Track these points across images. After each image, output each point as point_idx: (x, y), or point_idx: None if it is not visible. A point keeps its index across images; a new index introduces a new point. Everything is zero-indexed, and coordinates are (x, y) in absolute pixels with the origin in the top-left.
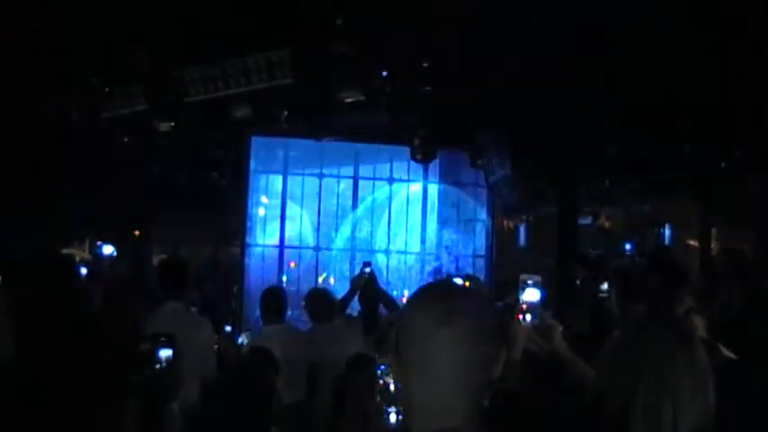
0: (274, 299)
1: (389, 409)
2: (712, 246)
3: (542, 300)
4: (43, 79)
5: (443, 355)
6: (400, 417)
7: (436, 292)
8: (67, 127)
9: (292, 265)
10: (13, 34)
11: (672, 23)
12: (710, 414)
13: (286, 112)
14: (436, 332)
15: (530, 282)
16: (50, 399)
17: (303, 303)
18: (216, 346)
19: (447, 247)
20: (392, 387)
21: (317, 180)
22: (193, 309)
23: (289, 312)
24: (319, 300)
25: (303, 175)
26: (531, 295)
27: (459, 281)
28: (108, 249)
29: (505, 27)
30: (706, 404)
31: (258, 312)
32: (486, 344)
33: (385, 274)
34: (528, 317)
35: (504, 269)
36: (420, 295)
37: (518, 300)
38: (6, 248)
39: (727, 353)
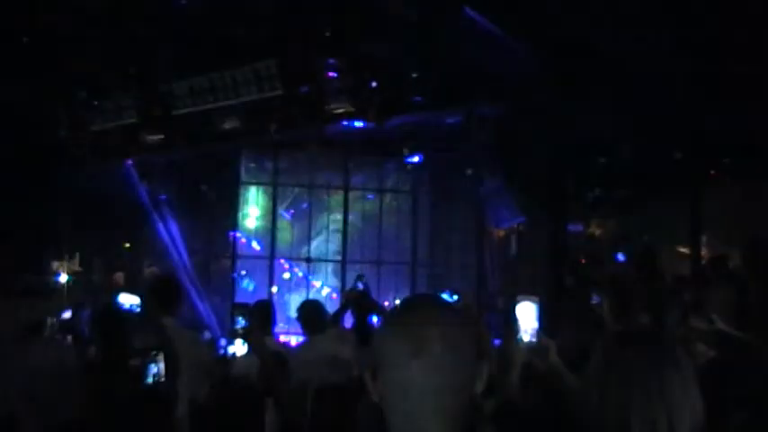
0: (264, 312)
1: None
2: (702, 253)
3: (539, 320)
4: (33, 93)
5: (419, 383)
6: None
7: (409, 315)
8: (57, 140)
9: (285, 276)
10: (4, 49)
11: (660, 36)
12: (702, 420)
13: (275, 124)
14: (410, 361)
15: (527, 302)
16: None
17: (295, 315)
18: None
19: (437, 257)
20: None
21: (306, 191)
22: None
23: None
24: (312, 311)
25: (293, 185)
26: (529, 316)
27: (447, 296)
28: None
29: (495, 39)
30: (697, 412)
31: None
32: (463, 367)
33: (377, 284)
34: (525, 337)
35: (495, 278)
36: (393, 319)
37: (515, 320)
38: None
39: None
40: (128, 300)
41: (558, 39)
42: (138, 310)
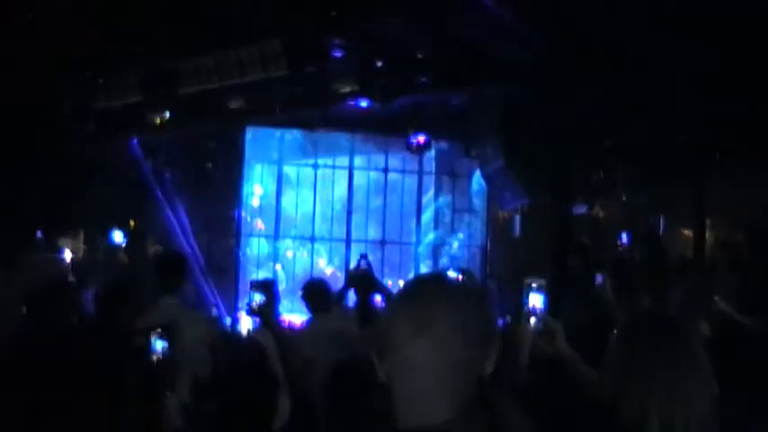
0: (269, 292)
1: None
2: (706, 236)
3: (546, 303)
4: (37, 71)
5: (423, 362)
6: None
7: (415, 295)
8: (62, 118)
9: (289, 255)
10: (8, 26)
11: (667, 20)
12: (711, 403)
13: (280, 104)
14: (414, 340)
15: (534, 285)
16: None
17: (299, 294)
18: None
19: (442, 238)
20: None
21: (311, 170)
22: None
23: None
24: (316, 290)
25: (298, 165)
26: (536, 300)
27: (453, 274)
28: (118, 237)
29: (500, 20)
30: (710, 400)
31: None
32: (469, 346)
33: (381, 264)
34: (533, 320)
35: (498, 260)
36: (399, 299)
37: (525, 303)
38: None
39: None
40: None
41: (564, 20)
42: None
